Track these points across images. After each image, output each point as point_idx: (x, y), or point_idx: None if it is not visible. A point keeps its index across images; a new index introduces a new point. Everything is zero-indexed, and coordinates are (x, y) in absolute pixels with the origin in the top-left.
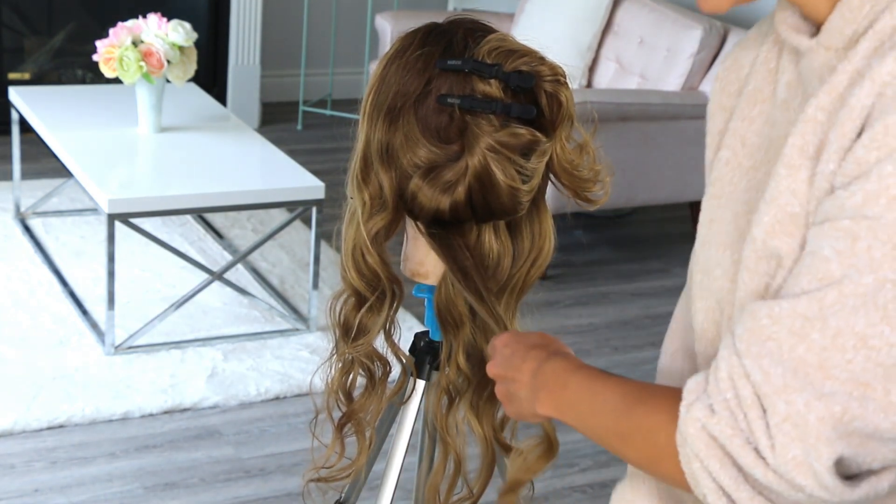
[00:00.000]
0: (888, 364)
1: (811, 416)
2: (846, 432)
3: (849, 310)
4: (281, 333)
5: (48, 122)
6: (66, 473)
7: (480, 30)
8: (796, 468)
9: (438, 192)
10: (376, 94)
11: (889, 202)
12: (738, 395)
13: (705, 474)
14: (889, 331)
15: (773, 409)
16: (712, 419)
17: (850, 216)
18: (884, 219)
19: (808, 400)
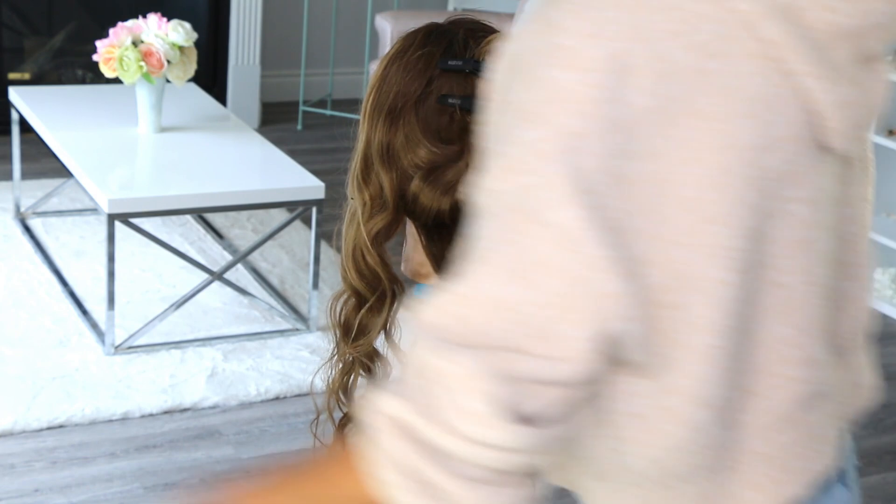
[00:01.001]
0: (532, 321)
1: (470, 364)
2: (505, 375)
3: (489, 278)
4: (281, 333)
5: (48, 122)
6: (66, 473)
7: (482, 30)
8: (474, 423)
9: (439, 193)
10: (377, 95)
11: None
12: (416, 376)
13: (394, 466)
14: (526, 291)
15: (436, 375)
16: (394, 402)
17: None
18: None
19: (462, 356)
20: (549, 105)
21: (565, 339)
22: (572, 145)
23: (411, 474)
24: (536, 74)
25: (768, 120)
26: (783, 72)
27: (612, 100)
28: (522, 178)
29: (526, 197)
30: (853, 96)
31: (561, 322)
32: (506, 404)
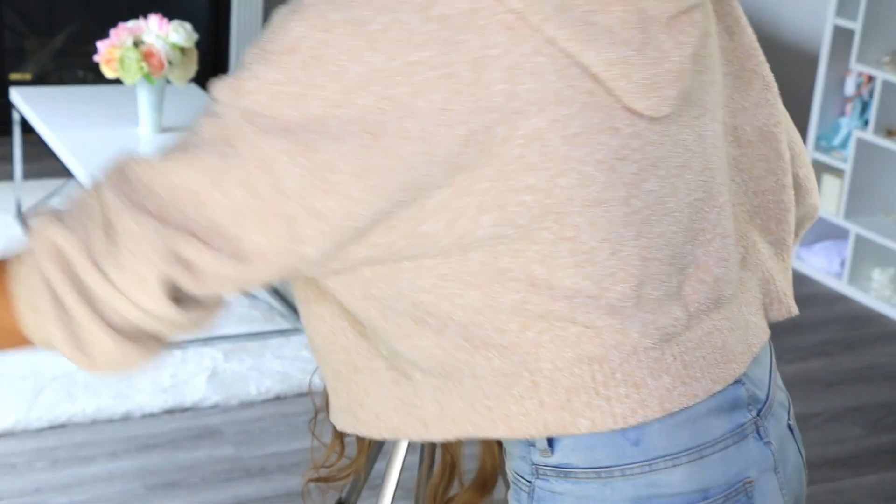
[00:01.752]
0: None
1: (149, 234)
2: (177, 259)
3: (191, 171)
4: (281, 333)
5: (49, 123)
6: (67, 473)
7: None
8: (131, 280)
9: None
10: None
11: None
12: (92, 215)
13: (42, 278)
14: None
15: (120, 226)
16: (62, 232)
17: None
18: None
19: (148, 221)
20: (288, 55)
21: (252, 243)
22: (304, 95)
23: (57, 302)
24: (281, 24)
25: (532, 85)
26: (544, 39)
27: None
28: (249, 104)
29: (245, 121)
30: (632, 58)
31: (249, 231)
32: (167, 280)
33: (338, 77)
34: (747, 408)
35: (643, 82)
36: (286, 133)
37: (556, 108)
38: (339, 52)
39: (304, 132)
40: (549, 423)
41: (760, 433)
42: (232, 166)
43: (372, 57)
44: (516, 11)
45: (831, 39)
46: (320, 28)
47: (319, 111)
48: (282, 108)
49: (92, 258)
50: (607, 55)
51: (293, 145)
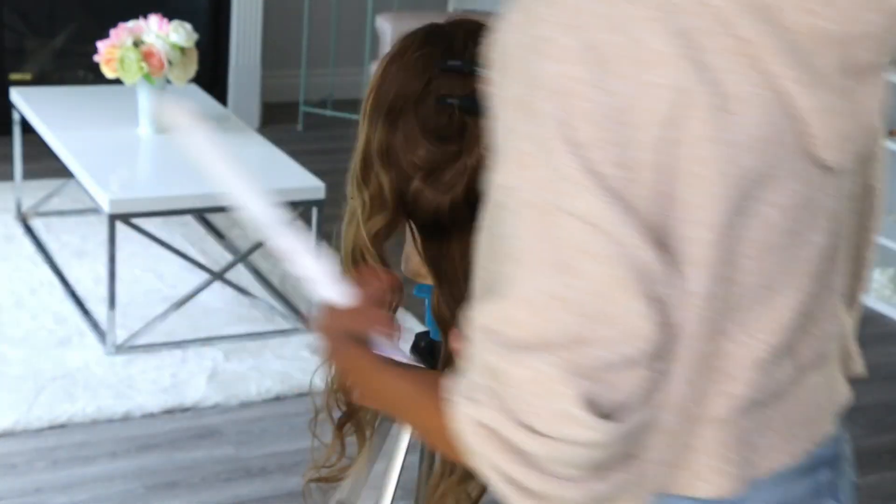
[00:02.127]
0: (587, 309)
1: (544, 368)
2: (581, 372)
3: (531, 278)
4: (282, 333)
5: (49, 123)
6: (67, 473)
7: (481, 30)
8: (558, 422)
9: (439, 193)
10: (376, 95)
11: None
12: (490, 381)
13: (489, 466)
14: (573, 280)
15: (513, 381)
16: (479, 409)
17: (499, 192)
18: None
19: (536, 356)
20: (541, 98)
21: (625, 316)
22: (573, 135)
23: (507, 477)
24: (522, 67)
25: (747, 118)
26: (761, 71)
27: (596, 89)
28: (536, 172)
29: (543, 190)
30: (839, 106)
31: (615, 302)
32: (585, 400)
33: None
34: (827, 466)
35: (840, 134)
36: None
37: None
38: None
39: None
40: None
41: (836, 494)
42: (564, 244)
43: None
44: (745, 40)
45: None
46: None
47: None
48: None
49: (511, 420)
50: (821, 100)
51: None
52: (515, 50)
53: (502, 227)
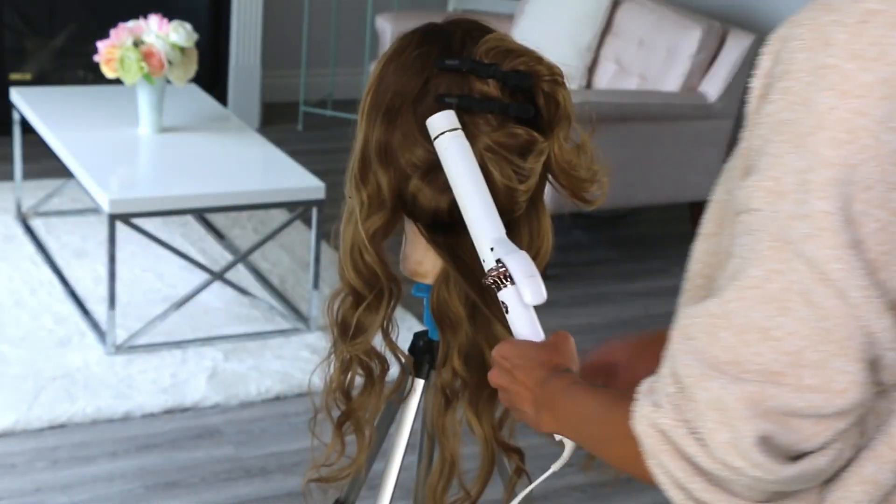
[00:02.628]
0: (792, 351)
1: (728, 398)
2: (764, 411)
3: (747, 305)
4: (281, 333)
5: (49, 123)
6: (67, 473)
7: (479, 30)
8: (727, 451)
9: (438, 192)
10: (375, 94)
11: (766, 195)
12: (679, 389)
13: (660, 469)
14: (786, 321)
15: (696, 398)
16: (657, 413)
17: (744, 209)
18: (764, 211)
19: (723, 384)
20: (817, 134)
21: (832, 372)
22: (842, 180)
23: (676, 482)
24: (802, 95)
25: None
26: None
27: (884, 127)
28: (787, 206)
29: (789, 226)
30: None
31: (824, 355)
32: (759, 439)
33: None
34: None
35: None
36: (829, 234)
37: None
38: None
39: (847, 226)
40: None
41: None
42: (791, 284)
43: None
44: None
45: None
46: (852, 95)
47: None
48: (816, 203)
49: (688, 432)
50: None
51: (843, 247)
52: (796, 69)
53: (735, 241)
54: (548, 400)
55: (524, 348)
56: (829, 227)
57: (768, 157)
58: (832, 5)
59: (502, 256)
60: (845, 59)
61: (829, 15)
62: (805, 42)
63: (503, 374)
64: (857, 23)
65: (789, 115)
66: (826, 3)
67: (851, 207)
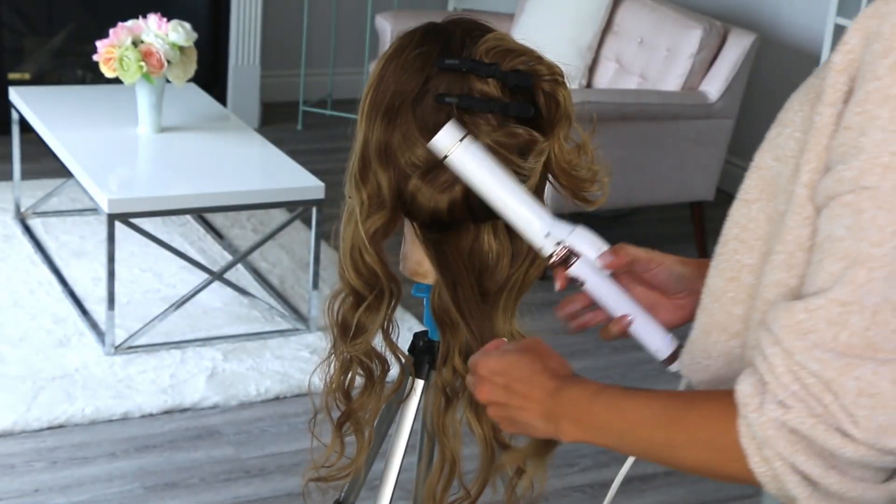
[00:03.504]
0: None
1: (883, 382)
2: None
3: (880, 284)
4: (281, 333)
5: (48, 122)
6: (66, 473)
7: (478, 29)
8: (885, 434)
9: (437, 191)
10: (374, 94)
11: (883, 171)
12: (805, 386)
13: (789, 470)
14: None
15: (843, 390)
16: (789, 413)
17: (849, 189)
18: (881, 188)
19: (874, 369)
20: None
21: None
22: None
23: (807, 479)
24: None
25: None
26: None
27: None
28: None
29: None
30: None
31: None
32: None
33: None
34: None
35: None
36: None
37: None
38: None
39: None
40: None
41: None
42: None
43: None
44: None
45: (832, 39)
46: None
47: None
48: None
49: (832, 427)
50: None
51: None
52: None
53: (836, 224)
54: (569, 409)
55: (514, 360)
56: None
57: (880, 134)
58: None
59: (564, 238)
60: None
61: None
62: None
63: (497, 391)
64: None
65: (892, 89)
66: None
67: None
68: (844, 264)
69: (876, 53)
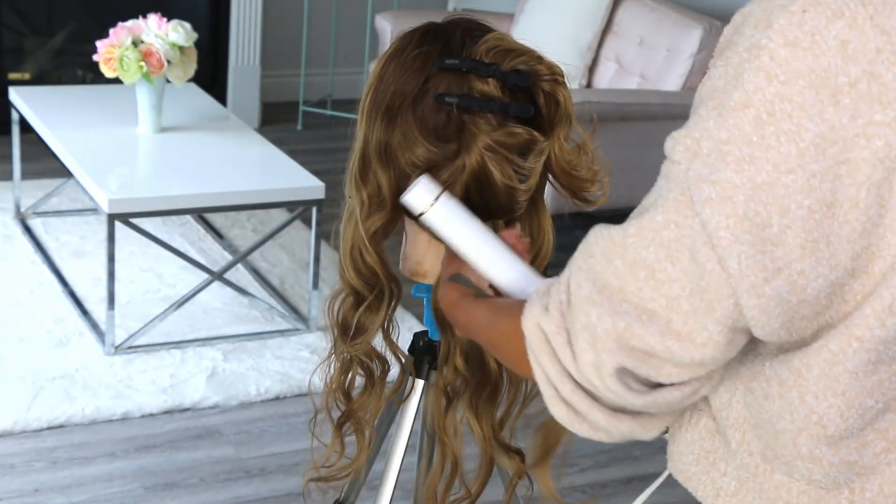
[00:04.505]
0: (670, 296)
1: (599, 328)
2: (626, 347)
3: (642, 243)
4: (281, 333)
5: (48, 122)
6: (66, 473)
7: (478, 29)
8: (590, 370)
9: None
10: (374, 94)
11: (684, 151)
12: (568, 300)
13: (538, 366)
14: (671, 268)
15: (574, 318)
16: (544, 316)
17: (668, 156)
18: (681, 165)
19: (600, 313)
20: (741, 110)
21: (703, 327)
22: (753, 157)
23: (548, 380)
24: (737, 68)
25: None
26: None
27: (806, 118)
28: (699, 168)
29: (697, 186)
30: None
31: (700, 312)
32: (617, 369)
33: (792, 137)
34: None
35: None
36: (728, 204)
37: None
38: (796, 107)
39: (748, 202)
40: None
41: None
42: (683, 238)
43: (834, 115)
44: None
45: None
46: (779, 79)
47: (766, 176)
48: (727, 172)
49: (564, 339)
50: None
51: (736, 220)
52: (740, 46)
53: (661, 174)
54: (449, 310)
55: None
56: (730, 197)
57: (696, 117)
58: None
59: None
60: (779, 44)
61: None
62: (754, 19)
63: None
64: (800, 11)
65: (722, 84)
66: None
67: (755, 188)
68: (636, 215)
69: (726, 44)
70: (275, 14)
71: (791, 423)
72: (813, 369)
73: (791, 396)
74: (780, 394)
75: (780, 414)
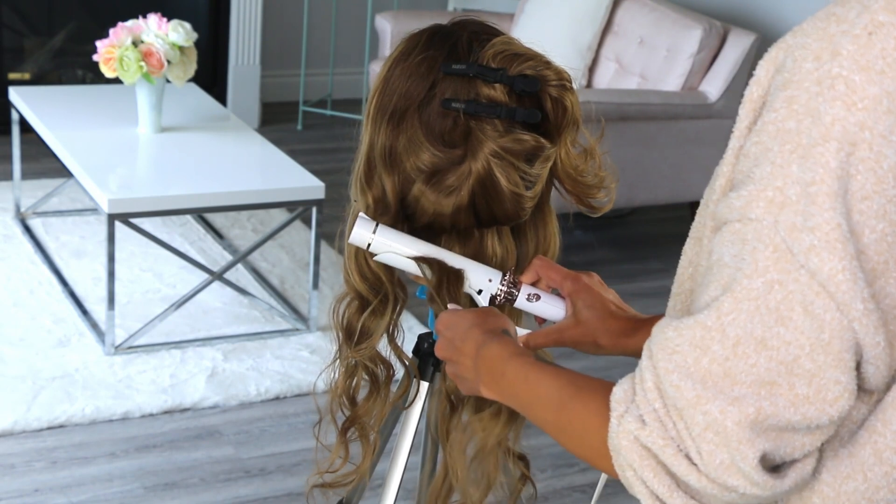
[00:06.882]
0: (788, 360)
1: (728, 422)
2: (763, 430)
3: (744, 316)
4: (281, 333)
5: (48, 122)
6: (66, 473)
7: (485, 32)
8: (726, 472)
9: (442, 195)
10: (380, 97)
11: (767, 205)
12: (666, 406)
13: (639, 482)
14: (784, 331)
15: (691, 421)
16: (644, 430)
17: (738, 218)
18: (764, 221)
19: (721, 407)
20: (823, 145)
21: (834, 381)
22: (843, 191)
23: (654, 496)
24: (808, 105)
25: None
26: None
27: (885, 140)
28: (790, 217)
29: (789, 236)
30: None
31: (817, 364)
32: (758, 456)
33: (871, 166)
34: None
35: None
36: (837, 247)
37: None
38: (876, 136)
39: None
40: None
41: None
42: (791, 294)
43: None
44: None
45: None
46: (857, 107)
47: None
48: (823, 215)
49: (682, 451)
50: None
51: (850, 260)
52: (805, 81)
53: (725, 250)
54: (487, 366)
55: (461, 315)
56: (835, 238)
57: (769, 167)
58: (839, 16)
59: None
60: (853, 71)
61: (837, 26)
62: (812, 52)
63: (446, 345)
64: (866, 34)
65: (793, 125)
66: (833, 14)
67: (851, 218)
68: (722, 291)
69: (777, 85)
70: (275, 14)
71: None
72: (890, 424)
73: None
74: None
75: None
